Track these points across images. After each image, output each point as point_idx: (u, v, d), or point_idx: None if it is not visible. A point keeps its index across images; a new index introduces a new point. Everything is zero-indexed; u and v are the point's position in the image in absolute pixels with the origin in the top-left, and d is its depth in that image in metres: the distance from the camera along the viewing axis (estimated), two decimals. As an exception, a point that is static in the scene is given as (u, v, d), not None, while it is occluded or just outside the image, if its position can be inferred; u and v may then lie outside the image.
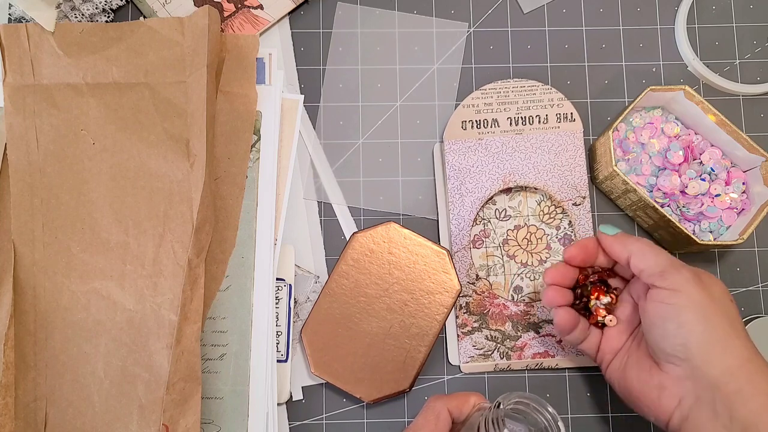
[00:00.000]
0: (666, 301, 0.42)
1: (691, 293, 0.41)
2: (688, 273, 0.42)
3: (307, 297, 0.52)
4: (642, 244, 0.44)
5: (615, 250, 0.45)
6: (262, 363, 0.49)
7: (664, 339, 0.42)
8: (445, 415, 0.43)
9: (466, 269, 0.52)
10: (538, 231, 0.53)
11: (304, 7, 0.56)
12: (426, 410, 0.44)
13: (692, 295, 0.41)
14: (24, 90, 0.50)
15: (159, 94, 0.50)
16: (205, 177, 0.48)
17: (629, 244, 0.44)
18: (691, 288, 0.41)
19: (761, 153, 0.50)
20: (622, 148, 0.54)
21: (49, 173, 0.50)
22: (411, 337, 0.49)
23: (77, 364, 0.47)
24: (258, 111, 0.52)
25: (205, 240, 0.48)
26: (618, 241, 0.45)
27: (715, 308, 0.41)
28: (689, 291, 0.41)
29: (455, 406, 0.44)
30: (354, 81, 0.56)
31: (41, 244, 0.49)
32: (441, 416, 0.43)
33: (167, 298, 0.48)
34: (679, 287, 0.41)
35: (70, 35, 0.50)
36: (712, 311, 0.41)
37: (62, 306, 0.48)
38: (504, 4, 0.57)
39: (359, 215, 0.54)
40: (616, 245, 0.45)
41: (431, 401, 0.44)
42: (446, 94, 0.56)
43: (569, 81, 0.56)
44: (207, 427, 0.48)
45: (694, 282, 0.41)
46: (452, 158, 0.53)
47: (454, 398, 0.44)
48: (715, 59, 0.56)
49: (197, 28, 0.50)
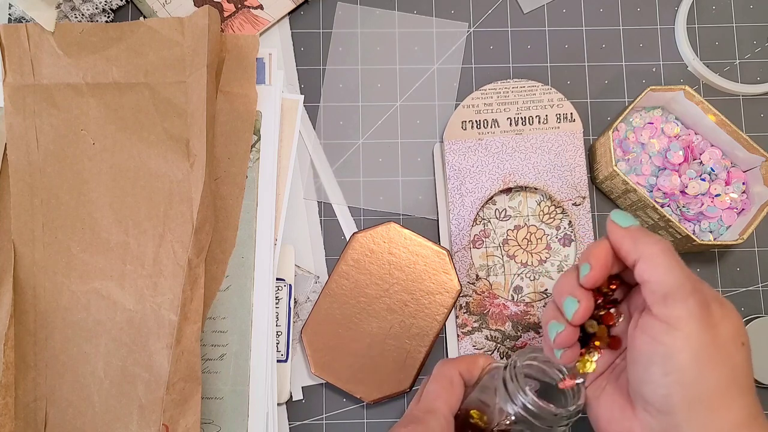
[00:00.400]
0: (657, 339, 0.34)
1: (691, 334, 0.33)
2: (694, 305, 0.34)
3: (307, 297, 0.52)
4: (656, 249, 0.35)
5: (623, 246, 0.36)
6: (262, 363, 0.49)
7: (645, 383, 0.35)
8: (459, 379, 0.41)
9: (466, 269, 0.52)
10: (538, 231, 0.53)
11: (304, 7, 0.56)
12: (437, 377, 0.42)
13: (691, 337, 0.33)
14: (24, 90, 0.50)
15: (159, 94, 0.50)
16: (205, 177, 0.48)
17: (642, 243, 0.35)
18: (692, 326, 0.33)
19: (761, 153, 0.50)
20: (622, 148, 0.54)
21: (49, 173, 0.50)
22: (411, 337, 0.49)
23: (77, 364, 0.47)
24: (258, 111, 0.52)
25: (205, 240, 0.48)
26: (629, 237, 0.36)
27: (717, 355, 0.33)
28: (689, 330, 0.33)
29: (465, 369, 0.42)
30: (354, 81, 0.56)
31: (41, 244, 0.49)
32: (454, 381, 0.41)
33: (167, 298, 0.48)
34: (678, 323, 0.34)
35: (70, 35, 0.50)
36: (712, 359, 0.33)
37: (62, 306, 0.48)
38: (504, 4, 0.57)
39: (359, 215, 0.54)
40: (627, 241, 0.36)
41: (441, 367, 0.42)
42: (446, 94, 0.56)
43: (569, 81, 0.56)
44: (207, 427, 0.48)
45: (699, 318, 0.33)
46: (452, 158, 0.53)
47: (463, 361, 0.42)
48: (715, 59, 0.56)
49: (197, 28, 0.50)
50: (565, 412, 0.38)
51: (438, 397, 0.40)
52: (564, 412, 0.38)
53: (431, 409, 0.40)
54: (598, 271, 0.37)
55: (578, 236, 0.52)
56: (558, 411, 0.38)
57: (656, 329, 0.34)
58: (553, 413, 0.38)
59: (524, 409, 0.38)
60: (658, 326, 0.34)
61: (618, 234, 0.37)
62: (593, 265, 0.37)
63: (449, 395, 0.40)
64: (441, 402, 0.40)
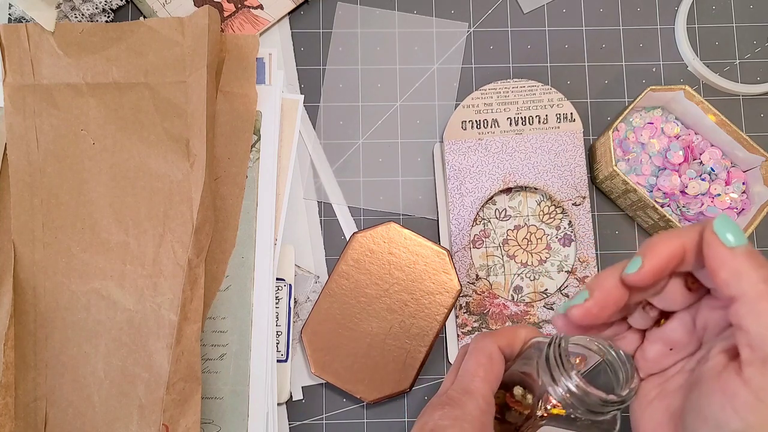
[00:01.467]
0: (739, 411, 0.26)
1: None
2: None
3: (307, 297, 0.52)
4: (765, 291, 0.26)
5: (720, 274, 0.27)
6: (262, 363, 0.49)
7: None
8: (498, 355, 0.37)
9: (466, 269, 0.52)
10: (538, 231, 0.53)
11: (304, 7, 0.56)
12: (475, 352, 0.37)
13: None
14: (24, 90, 0.50)
15: (159, 94, 0.50)
16: (205, 177, 0.48)
17: (747, 279, 0.27)
18: None
19: (761, 153, 0.50)
20: (622, 148, 0.54)
21: (49, 173, 0.50)
22: (411, 337, 0.49)
23: (77, 364, 0.47)
24: (258, 111, 0.52)
25: (205, 240, 0.48)
26: (733, 265, 0.27)
27: None
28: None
29: (506, 343, 0.37)
30: (354, 81, 0.56)
31: (41, 244, 0.49)
32: (494, 356, 0.36)
33: (167, 298, 0.48)
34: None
35: (70, 35, 0.50)
36: None
37: (62, 306, 0.48)
38: (504, 4, 0.57)
39: (359, 215, 0.54)
40: (727, 269, 0.27)
41: (479, 341, 0.37)
42: (446, 94, 0.56)
43: (569, 81, 0.56)
44: (207, 427, 0.48)
45: None
46: (452, 158, 0.53)
47: (504, 335, 0.38)
48: (715, 59, 0.56)
49: (197, 28, 0.50)
50: (617, 399, 0.32)
51: (476, 375, 0.36)
52: (615, 399, 0.32)
53: (468, 389, 0.36)
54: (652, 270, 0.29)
55: (578, 236, 0.52)
56: (609, 397, 0.32)
57: (740, 398, 0.26)
58: (602, 400, 0.32)
59: (569, 393, 0.33)
60: (743, 395, 0.26)
61: (720, 256, 0.27)
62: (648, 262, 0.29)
63: (488, 372, 0.36)
64: (479, 381, 0.36)
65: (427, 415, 0.36)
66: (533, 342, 0.37)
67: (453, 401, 0.35)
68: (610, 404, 0.32)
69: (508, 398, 0.37)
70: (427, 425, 0.35)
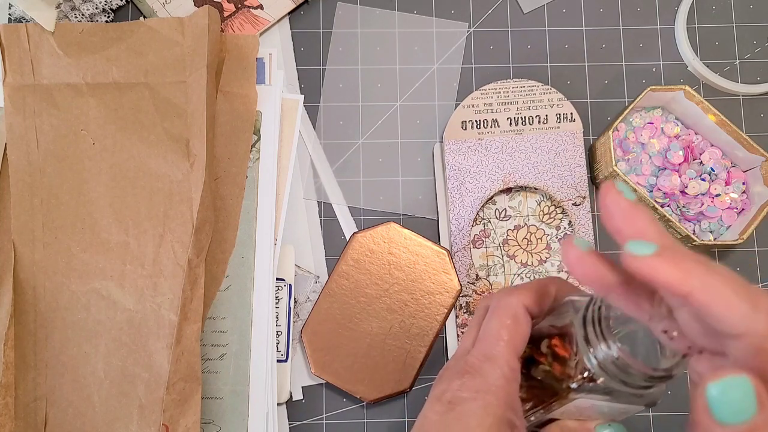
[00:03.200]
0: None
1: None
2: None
3: (307, 297, 0.52)
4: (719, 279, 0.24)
5: (664, 277, 0.24)
6: (262, 363, 0.49)
7: None
8: (525, 315, 0.32)
9: (466, 269, 0.52)
10: (538, 231, 0.53)
11: (304, 7, 0.56)
12: (498, 311, 0.32)
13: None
14: (24, 90, 0.50)
15: (159, 94, 0.50)
16: (205, 177, 0.48)
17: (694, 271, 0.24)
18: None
19: (761, 153, 0.50)
20: (622, 148, 0.54)
21: (49, 173, 0.50)
22: (411, 337, 0.49)
23: (77, 364, 0.47)
24: (258, 111, 0.52)
25: (205, 240, 0.48)
26: (672, 263, 0.24)
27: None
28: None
29: (533, 301, 0.33)
30: (354, 81, 0.56)
31: (41, 244, 0.49)
32: (520, 317, 0.32)
33: (167, 298, 0.48)
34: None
35: (70, 35, 0.50)
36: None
37: (62, 306, 0.48)
38: (504, 4, 0.57)
39: (359, 215, 0.54)
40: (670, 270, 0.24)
41: (503, 298, 0.33)
42: (446, 94, 0.56)
43: (569, 81, 0.56)
44: (207, 427, 0.48)
45: None
46: (452, 158, 0.53)
47: (531, 291, 0.33)
48: (715, 59, 0.56)
49: (197, 28, 0.50)
50: (663, 373, 0.28)
51: (499, 338, 0.32)
52: (660, 373, 0.28)
53: (491, 355, 0.32)
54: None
55: (578, 236, 0.52)
56: (654, 371, 0.28)
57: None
58: (646, 374, 0.28)
59: (607, 364, 0.29)
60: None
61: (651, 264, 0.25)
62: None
63: (513, 335, 0.32)
64: (503, 346, 0.32)
65: (444, 382, 0.32)
66: (567, 300, 0.32)
67: (474, 369, 0.32)
68: (656, 378, 0.29)
69: (535, 352, 0.33)
70: (445, 396, 0.31)
